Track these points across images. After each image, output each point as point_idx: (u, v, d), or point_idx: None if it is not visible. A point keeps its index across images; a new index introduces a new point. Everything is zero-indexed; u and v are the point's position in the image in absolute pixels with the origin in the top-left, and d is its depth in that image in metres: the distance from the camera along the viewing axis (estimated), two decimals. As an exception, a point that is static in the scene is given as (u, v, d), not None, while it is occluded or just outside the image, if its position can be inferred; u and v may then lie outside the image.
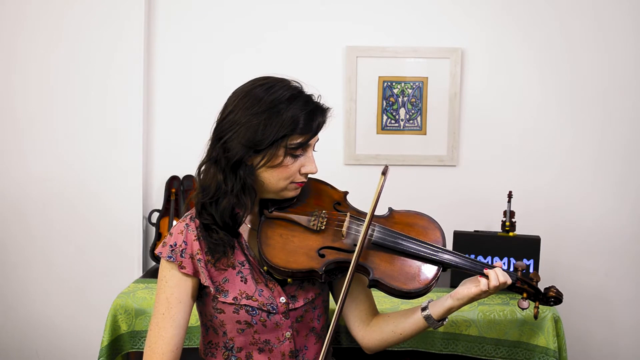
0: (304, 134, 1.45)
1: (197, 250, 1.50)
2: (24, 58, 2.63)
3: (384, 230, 1.52)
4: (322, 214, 1.54)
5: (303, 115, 1.44)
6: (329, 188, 1.62)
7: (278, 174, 1.47)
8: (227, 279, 1.51)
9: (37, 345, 2.72)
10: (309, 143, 1.48)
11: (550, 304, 1.55)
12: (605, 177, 2.66)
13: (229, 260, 1.52)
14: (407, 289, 1.46)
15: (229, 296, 1.50)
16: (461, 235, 2.27)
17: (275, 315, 1.51)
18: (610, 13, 2.61)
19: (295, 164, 1.47)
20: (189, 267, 1.50)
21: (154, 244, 2.63)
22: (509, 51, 2.64)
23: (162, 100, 2.69)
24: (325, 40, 2.65)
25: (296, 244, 1.49)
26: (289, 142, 1.44)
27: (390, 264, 1.50)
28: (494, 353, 2.05)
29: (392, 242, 1.51)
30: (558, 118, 2.66)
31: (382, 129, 2.67)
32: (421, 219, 1.59)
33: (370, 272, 1.47)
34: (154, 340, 1.48)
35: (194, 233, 1.51)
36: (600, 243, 2.67)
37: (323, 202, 1.58)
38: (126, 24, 2.60)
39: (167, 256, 1.50)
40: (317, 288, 1.57)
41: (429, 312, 1.53)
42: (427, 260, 1.50)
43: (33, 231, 2.68)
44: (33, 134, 2.65)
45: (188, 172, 2.68)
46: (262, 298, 1.51)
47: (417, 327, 1.55)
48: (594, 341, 2.70)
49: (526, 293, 1.53)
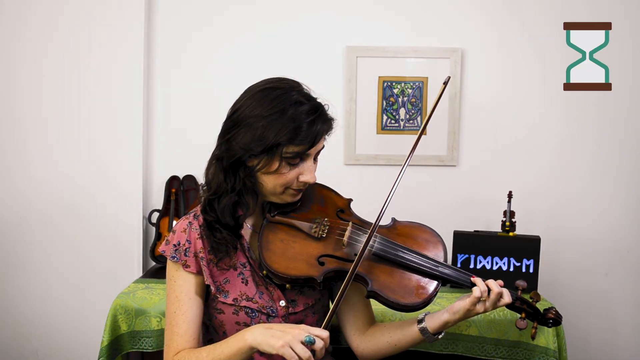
0: (301, 144, 1.41)
1: (200, 248, 1.50)
2: (24, 58, 2.63)
3: (386, 241, 1.51)
4: (324, 222, 1.53)
5: (303, 125, 1.40)
6: (333, 194, 1.61)
7: (274, 180, 1.45)
8: (228, 279, 1.51)
9: (37, 345, 2.72)
10: (308, 153, 1.45)
11: (548, 325, 1.55)
12: (605, 177, 2.66)
13: (231, 261, 1.51)
14: (405, 302, 1.45)
15: (229, 297, 1.50)
16: (461, 235, 2.27)
17: (274, 318, 1.51)
18: (610, 13, 2.61)
19: (292, 172, 1.45)
20: (193, 265, 1.50)
21: (154, 244, 2.63)
22: (509, 51, 2.64)
23: (162, 100, 2.69)
24: (325, 40, 2.65)
25: (296, 250, 1.48)
26: (285, 150, 1.41)
27: (389, 276, 1.48)
28: (494, 353, 2.05)
29: (393, 254, 1.50)
30: (558, 118, 2.65)
31: (382, 129, 2.67)
32: (424, 232, 1.57)
33: (369, 283, 1.46)
34: (169, 338, 1.49)
35: (197, 231, 1.51)
36: (600, 243, 2.67)
37: (326, 209, 1.56)
38: (126, 24, 2.60)
39: (171, 256, 1.50)
40: (317, 294, 1.57)
41: (425, 325, 1.52)
42: (427, 274, 1.49)
43: (33, 231, 2.68)
44: (33, 134, 2.65)
45: (188, 172, 2.68)
46: (262, 300, 1.50)
47: (413, 340, 1.55)
48: (594, 341, 2.70)
49: (525, 313, 1.52)
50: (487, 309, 1.46)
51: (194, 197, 2.67)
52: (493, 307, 1.47)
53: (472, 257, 2.25)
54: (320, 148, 1.49)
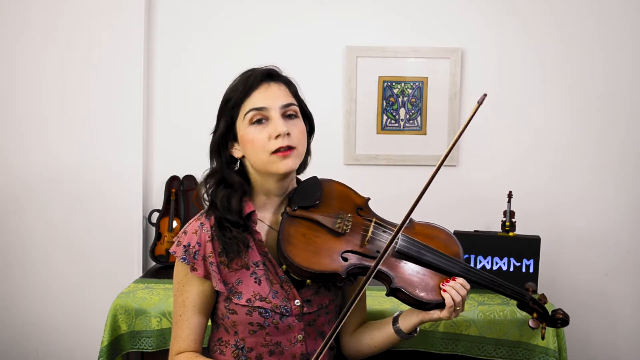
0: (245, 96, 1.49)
1: (210, 252, 1.50)
2: (24, 58, 2.63)
3: (409, 239, 1.54)
4: (348, 217, 1.53)
5: (241, 79, 1.52)
6: (352, 192, 1.62)
7: (251, 148, 1.48)
8: (241, 280, 1.51)
9: (37, 345, 2.72)
10: (265, 107, 1.48)
11: (557, 325, 1.60)
12: (605, 176, 2.66)
13: (243, 261, 1.51)
14: (427, 299, 1.48)
15: (243, 298, 1.49)
16: (461, 235, 2.27)
17: (288, 317, 1.50)
18: (610, 13, 2.61)
19: (263, 132, 1.47)
20: (201, 269, 1.49)
21: (154, 244, 2.63)
22: (509, 51, 2.64)
23: (162, 101, 2.69)
24: (325, 40, 2.65)
25: (319, 245, 1.48)
26: (242, 112, 1.49)
27: (412, 274, 1.51)
28: (494, 353, 2.05)
29: (417, 252, 1.52)
30: (558, 118, 2.66)
31: (382, 129, 2.67)
32: (441, 232, 1.61)
33: (392, 279, 1.48)
34: (173, 337, 1.55)
35: (208, 233, 1.51)
36: (600, 243, 2.67)
37: (346, 206, 1.57)
38: (126, 25, 2.60)
39: (181, 257, 1.50)
40: (331, 295, 1.57)
41: (399, 325, 1.57)
42: (447, 273, 1.52)
43: (33, 231, 2.68)
44: (33, 134, 2.65)
45: (188, 172, 2.68)
46: (275, 300, 1.50)
47: (390, 340, 1.59)
48: (594, 341, 2.70)
49: (536, 313, 1.58)
50: (457, 315, 1.52)
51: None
52: (456, 310, 1.51)
53: (472, 257, 2.25)
54: (286, 103, 1.50)
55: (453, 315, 1.49)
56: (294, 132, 1.48)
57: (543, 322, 1.58)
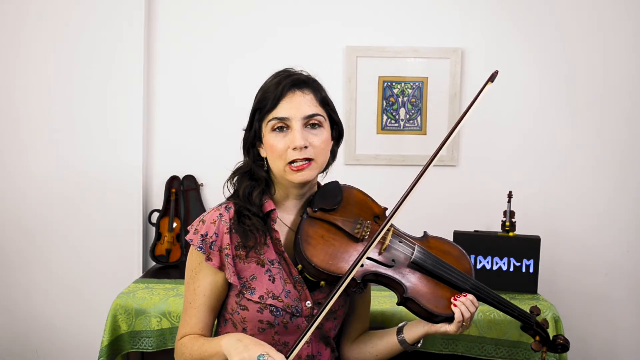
0: (272, 106, 1.47)
1: (227, 244, 1.49)
2: (25, 58, 2.63)
3: (425, 252, 1.55)
4: (367, 224, 1.54)
5: (270, 87, 1.49)
6: (370, 201, 1.62)
7: (271, 154, 1.49)
8: (255, 276, 1.50)
9: (37, 345, 2.72)
10: (287, 117, 1.47)
11: (557, 350, 1.63)
12: (604, 176, 2.66)
13: (259, 257, 1.50)
14: (438, 312, 1.49)
15: (255, 294, 1.49)
16: (461, 235, 2.27)
17: (298, 318, 1.50)
18: (609, 13, 2.61)
19: (282, 142, 1.47)
20: (216, 260, 1.48)
21: (154, 244, 2.63)
22: (509, 51, 2.64)
23: (163, 100, 2.69)
24: (325, 41, 2.65)
25: (337, 248, 1.48)
26: (267, 119, 1.48)
27: (425, 285, 1.52)
28: (494, 353, 2.05)
29: (432, 265, 1.53)
30: (558, 118, 2.66)
31: (382, 129, 2.67)
32: (454, 249, 1.62)
33: (405, 289, 1.49)
34: (182, 322, 1.55)
35: (226, 225, 1.50)
36: (600, 243, 2.67)
37: (364, 213, 1.57)
38: (126, 25, 2.60)
39: (198, 246, 1.49)
40: (341, 300, 1.57)
41: (404, 336, 1.57)
42: (458, 288, 1.54)
43: (33, 231, 2.68)
44: (33, 134, 2.66)
45: (188, 172, 2.68)
46: (287, 299, 1.49)
47: (392, 350, 1.60)
48: (594, 341, 2.70)
49: (539, 337, 1.62)
50: (463, 330, 1.53)
51: (194, 197, 2.67)
52: (465, 323, 1.52)
53: (472, 257, 2.25)
54: (308, 114, 1.49)
55: (460, 330, 1.50)
56: (314, 142, 1.48)
57: (544, 347, 1.62)
